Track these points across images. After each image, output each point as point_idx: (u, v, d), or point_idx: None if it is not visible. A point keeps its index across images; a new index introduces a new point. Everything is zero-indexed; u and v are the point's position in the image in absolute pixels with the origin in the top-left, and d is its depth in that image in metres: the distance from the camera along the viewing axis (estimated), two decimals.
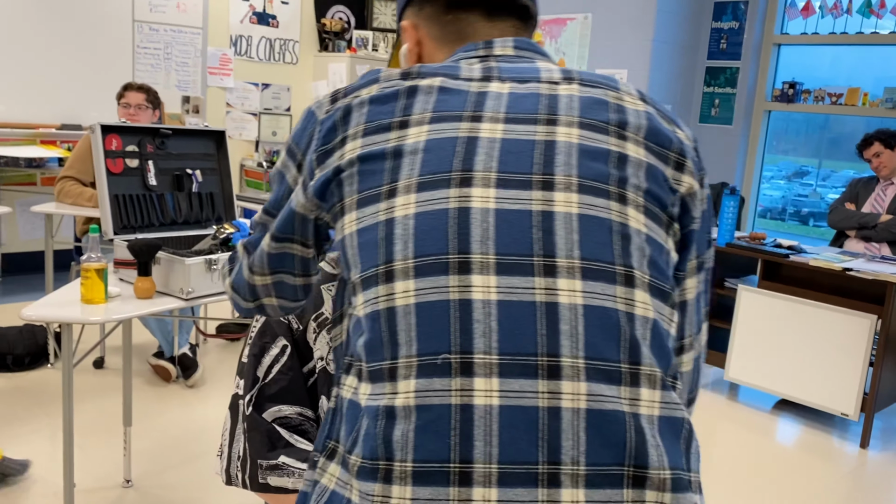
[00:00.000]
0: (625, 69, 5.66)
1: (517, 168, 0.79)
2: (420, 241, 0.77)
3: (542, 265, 0.76)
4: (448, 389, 0.73)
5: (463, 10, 0.95)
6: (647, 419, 0.75)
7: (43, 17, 5.04)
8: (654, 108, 0.88)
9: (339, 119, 0.86)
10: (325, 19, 6.32)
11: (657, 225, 0.82)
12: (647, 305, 0.78)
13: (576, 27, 5.96)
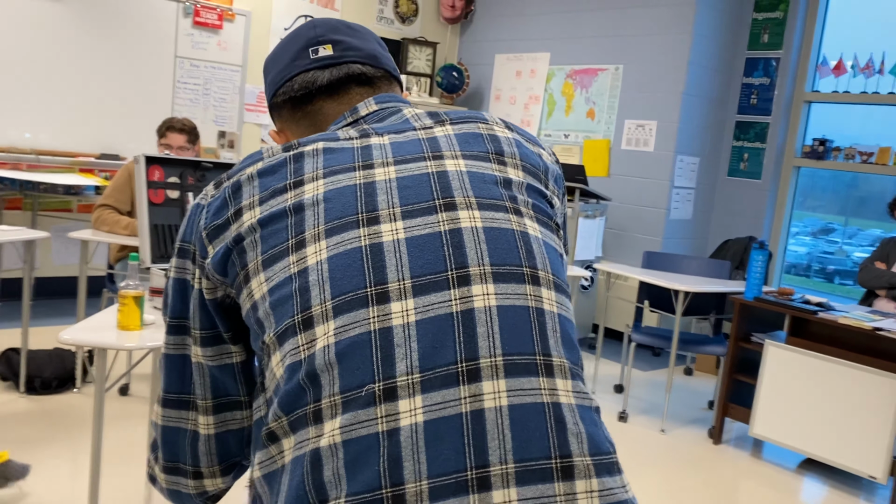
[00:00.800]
0: (654, 120, 5.71)
1: (418, 199, 0.84)
2: (336, 282, 0.78)
3: (456, 277, 0.79)
4: (374, 418, 0.73)
5: (309, 104, 1.00)
6: (568, 408, 0.76)
7: (88, 51, 5.20)
8: (519, 134, 0.96)
9: (230, 195, 0.87)
10: None
11: (549, 231, 0.89)
12: (552, 301, 0.82)
13: (607, 78, 6.04)
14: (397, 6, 6.76)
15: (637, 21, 5.84)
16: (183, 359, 0.91)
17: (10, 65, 4.92)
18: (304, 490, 0.73)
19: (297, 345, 0.78)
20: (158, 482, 0.96)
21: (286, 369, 0.78)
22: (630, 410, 4.34)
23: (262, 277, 0.82)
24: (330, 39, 1.03)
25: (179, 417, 0.92)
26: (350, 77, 1.01)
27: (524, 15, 6.64)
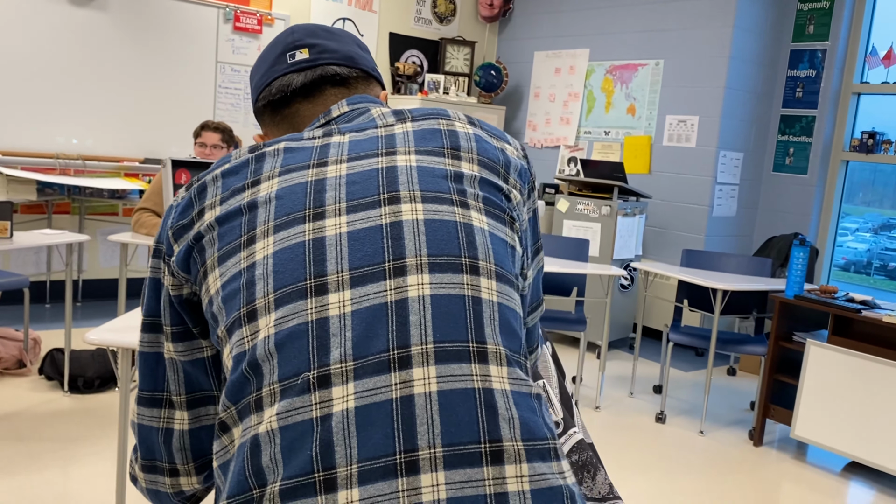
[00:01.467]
0: (696, 115, 5.60)
1: (364, 193, 0.86)
2: (279, 275, 0.81)
3: (393, 268, 0.81)
4: (309, 405, 0.75)
5: (287, 107, 1.04)
6: (501, 393, 0.77)
7: (131, 58, 5.33)
8: (483, 130, 0.97)
9: (195, 195, 0.91)
10: (398, 63, 6.48)
11: (500, 223, 0.89)
12: (492, 291, 0.83)
13: (647, 73, 5.94)
14: (435, 6, 6.77)
15: (677, 15, 5.74)
16: (157, 356, 0.93)
17: (57, 73, 5.07)
18: (245, 475, 0.75)
19: (242, 336, 0.80)
20: (139, 482, 0.97)
21: (233, 360, 0.81)
22: (669, 412, 4.26)
23: (217, 273, 0.85)
24: (306, 43, 1.06)
25: (152, 416, 0.94)
26: (324, 78, 1.03)
27: (563, 11, 6.58)
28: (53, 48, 5.03)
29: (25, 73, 4.96)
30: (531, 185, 0.99)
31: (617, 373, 4.95)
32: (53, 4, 4.99)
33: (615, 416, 4.12)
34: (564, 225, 5.41)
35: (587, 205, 5.32)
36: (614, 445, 3.71)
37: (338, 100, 1.04)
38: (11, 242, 3.31)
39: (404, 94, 6.39)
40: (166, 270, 0.91)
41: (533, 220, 1.01)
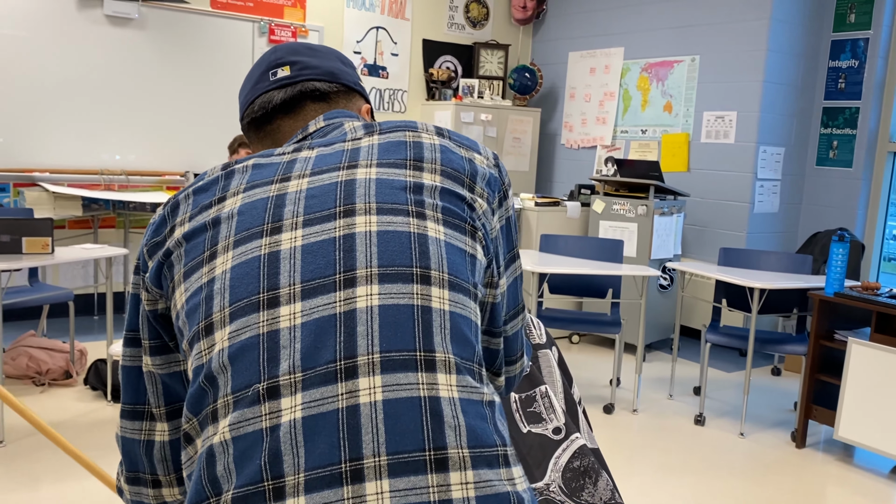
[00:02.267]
0: (734, 111, 5.49)
1: (321, 207, 0.87)
2: (234, 289, 0.83)
3: (343, 279, 0.82)
4: (259, 416, 0.76)
5: (269, 123, 1.07)
6: (448, 401, 0.77)
7: (169, 73, 5.47)
8: (450, 140, 0.98)
9: (168, 213, 0.94)
10: (432, 69, 6.51)
11: (459, 233, 0.89)
12: (443, 300, 0.83)
13: (683, 69, 5.86)
14: (468, 11, 6.78)
15: (712, 9, 5.64)
16: (137, 370, 0.96)
17: (99, 92, 5.23)
18: (202, 484, 0.78)
19: (201, 350, 0.83)
20: (125, 494, 1.00)
21: (192, 373, 0.83)
22: (709, 413, 4.19)
23: (182, 288, 0.87)
24: (288, 61, 1.09)
25: (134, 428, 0.96)
26: (304, 94, 1.06)
27: (596, 11, 6.53)
28: (95, 68, 5.19)
29: (69, 94, 5.13)
30: (503, 193, 0.99)
31: (657, 375, 4.88)
32: (94, 25, 5.16)
33: (653, 419, 4.06)
34: (601, 226, 5.36)
35: (623, 205, 5.26)
36: (652, 448, 3.66)
37: (317, 114, 1.06)
38: (53, 258, 3.42)
39: (438, 100, 6.42)
40: (142, 286, 0.93)
41: (506, 228, 1.00)
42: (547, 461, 1.42)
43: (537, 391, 1.49)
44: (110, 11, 5.19)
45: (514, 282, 1.04)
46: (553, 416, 1.47)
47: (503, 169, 1.01)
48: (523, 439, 1.44)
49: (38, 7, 4.96)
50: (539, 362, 1.56)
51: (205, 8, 5.53)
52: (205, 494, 0.77)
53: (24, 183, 4.98)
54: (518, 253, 1.04)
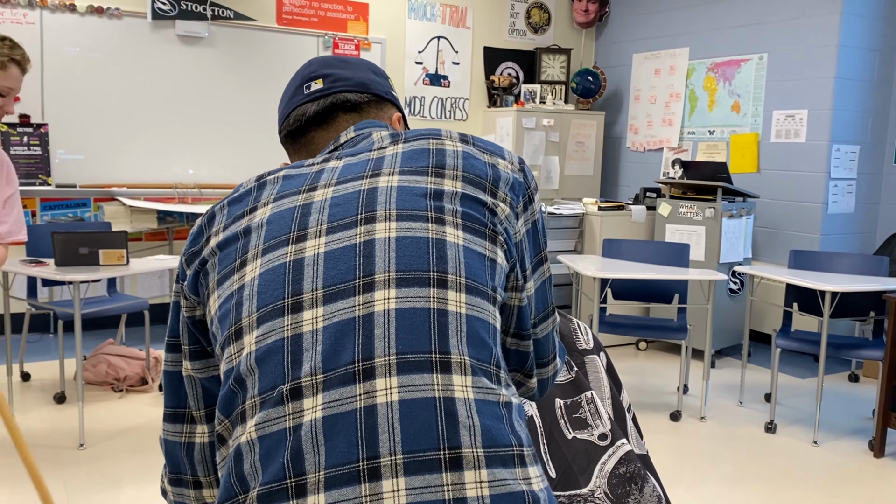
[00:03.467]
0: (805, 109, 5.33)
1: (344, 215, 0.90)
2: (262, 295, 0.87)
3: (362, 284, 0.84)
4: (283, 416, 0.80)
5: (303, 136, 1.11)
6: (463, 402, 0.79)
7: (239, 88, 5.65)
8: (474, 146, 0.99)
9: (206, 223, 0.98)
10: (493, 76, 6.53)
11: (479, 238, 0.91)
12: (459, 303, 0.85)
13: (750, 68, 5.71)
14: (529, 17, 6.78)
15: (780, 6, 5.49)
16: (179, 375, 1.00)
17: (172, 109, 5.44)
18: (231, 482, 0.82)
19: (231, 353, 0.87)
20: (168, 495, 1.04)
21: (223, 376, 0.87)
22: (782, 421, 4.06)
23: (216, 295, 0.92)
24: (320, 74, 1.12)
25: (175, 431, 1.01)
26: (336, 106, 1.09)
27: (660, 11, 6.43)
28: (168, 86, 5.41)
29: (144, 112, 5.35)
30: (528, 198, 1.00)
31: (728, 381, 4.77)
32: (167, 45, 5.37)
33: (722, 427, 3.96)
34: (667, 230, 5.27)
35: (690, 208, 5.16)
36: (720, 456, 3.57)
37: (349, 125, 1.09)
38: (128, 269, 3.58)
39: (500, 107, 6.43)
40: (181, 294, 0.98)
41: (532, 232, 1.01)
42: (592, 467, 1.42)
43: (583, 397, 1.49)
44: (182, 31, 5.39)
45: (543, 284, 1.05)
46: (599, 421, 1.47)
47: (529, 174, 1.02)
48: (568, 445, 1.44)
49: (115, 29, 5.20)
50: (586, 368, 1.55)
51: (271, 24, 5.69)
52: (234, 491, 0.81)
53: (104, 198, 5.22)
54: (546, 256, 1.05)
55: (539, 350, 1.06)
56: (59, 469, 3.17)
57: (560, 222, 5.56)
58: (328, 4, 5.91)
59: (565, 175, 6.39)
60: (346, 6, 5.98)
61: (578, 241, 5.67)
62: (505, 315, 1.00)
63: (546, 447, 1.44)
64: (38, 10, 4.97)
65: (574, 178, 6.46)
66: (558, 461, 1.42)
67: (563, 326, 1.61)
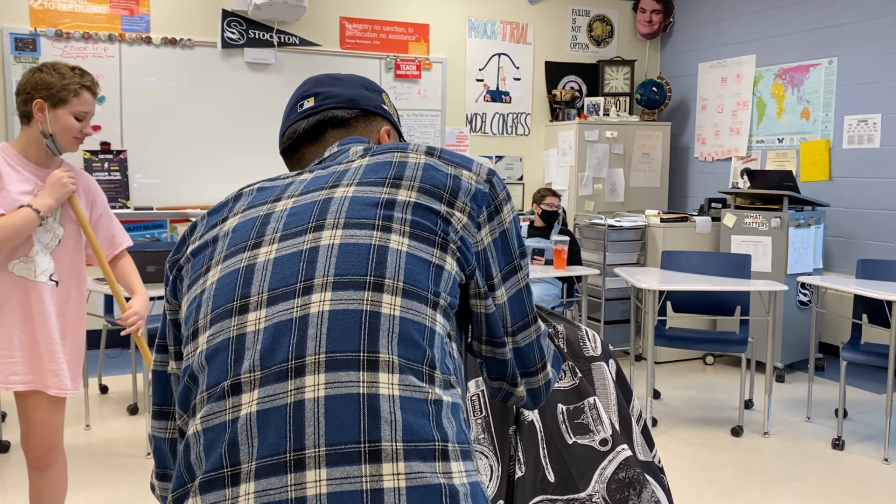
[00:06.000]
0: (878, 113, 5.13)
1: (297, 224, 0.95)
2: (216, 298, 0.94)
3: (302, 288, 0.90)
4: (224, 409, 0.86)
5: (296, 152, 1.17)
6: (387, 398, 0.84)
7: None
8: (438, 158, 1.03)
9: (188, 233, 1.06)
10: (556, 90, 6.54)
11: (426, 244, 0.94)
12: (394, 306, 0.89)
13: (819, 73, 5.54)
14: (591, 30, 6.76)
15: (848, 8, 5.31)
16: (165, 375, 1.07)
17: (241, 132, 5.67)
18: (181, 471, 0.89)
19: (188, 352, 0.94)
20: (156, 490, 1.11)
21: (182, 373, 0.95)
22: (851, 437, 3.90)
23: (185, 299, 0.99)
24: (312, 92, 1.18)
25: (161, 427, 1.07)
26: (324, 122, 1.15)
27: (725, 19, 6.31)
28: (238, 111, 5.65)
29: (215, 136, 5.60)
30: (494, 208, 1.02)
31: (797, 396, 4.60)
32: (236, 72, 5.62)
33: (786, 442, 3.83)
34: (732, 241, 5.14)
35: (755, 218, 5.03)
36: (782, 473, 3.46)
37: (337, 140, 1.14)
38: None
39: (562, 121, 6.43)
40: (167, 303, 1.06)
41: (501, 242, 1.02)
42: (592, 472, 1.43)
43: (585, 403, 1.50)
44: (250, 59, 5.63)
45: (518, 293, 1.06)
46: (601, 427, 1.47)
47: (498, 185, 1.03)
48: (568, 450, 1.45)
49: (187, 59, 5.48)
50: (592, 375, 1.56)
51: (335, 49, 5.87)
52: (183, 480, 0.88)
53: (179, 219, 5.48)
54: (520, 265, 1.06)
55: (522, 358, 1.08)
56: (127, 476, 3.34)
57: (621, 235, 5.51)
58: (389, 27, 6.06)
59: (631, 187, 6.32)
60: (408, 28, 6.11)
61: (641, 253, 5.60)
62: (475, 322, 1.03)
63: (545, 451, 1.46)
64: (118, 44, 5.29)
65: (640, 189, 6.38)
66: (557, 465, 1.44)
67: (571, 334, 1.62)
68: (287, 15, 5.54)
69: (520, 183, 6.58)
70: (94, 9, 5.22)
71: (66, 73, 2.22)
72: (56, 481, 2.36)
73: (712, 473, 3.46)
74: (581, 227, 5.80)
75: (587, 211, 6.09)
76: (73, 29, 5.17)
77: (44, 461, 2.32)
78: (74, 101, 2.22)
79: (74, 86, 2.21)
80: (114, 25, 5.28)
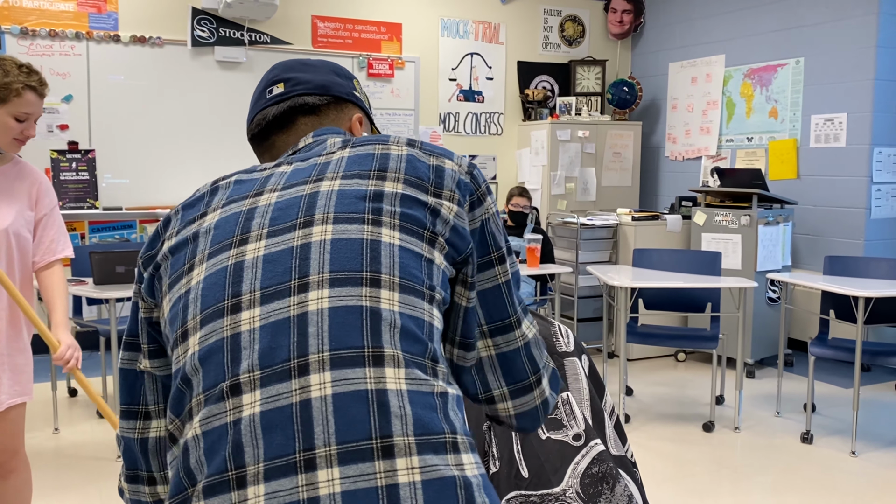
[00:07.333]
0: (844, 112, 5.22)
1: (284, 219, 0.93)
2: (205, 298, 0.90)
3: (297, 285, 0.87)
4: (224, 411, 0.83)
5: (265, 139, 1.13)
6: (395, 393, 0.82)
7: None
8: (420, 150, 1.00)
9: (161, 227, 1.02)
10: (528, 90, 6.56)
11: (416, 238, 0.92)
12: (392, 301, 0.87)
13: (787, 73, 5.62)
14: (563, 30, 6.80)
15: (815, 9, 5.40)
16: (133, 373, 1.04)
17: (212, 131, 5.62)
18: (180, 477, 0.86)
19: (179, 355, 0.91)
20: (125, 493, 1.08)
21: (173, 376, 0.91)
22: (820, 431, 3.96)
23: (167, 298, 0.95)
24: (282, 78, 1.14)
25: (130, 427, 1.04)
26: (294, 109, 1.11)
27: (695, 20, 6.38)
28: (208, 110, 5.59)
29: (185, 135, 5.54)
30: (476, 198, 1.00)
31: (767, 391, 4.66)
32: (207, 71, 5.56)
33: (756, 437, 3.88)
34: (703, 238, 5.20)
35: (725, 216, 5.09)
36: (753, 467, 3.50)
37: (309, 128, 1.11)
38: None
39: (534, 120, 6.45)
40: (139, 295, 1.02)
41: (481, 231, 1.00)
42: (565, 467, 1.44)
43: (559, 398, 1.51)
44: (221, 57, 5.58)
45: (497, 289, 1.02)
46: (574, 422, 1.48)
47: (479, 177, 1.02)
48: (542, 445, 1.46)
49: (157, 57, 5.41)
50: (564, 370, 1.57)
51: (307, 47, 5.84)
52: (183, 486, 0.85)
53: (149, 220, 5.42)
54: (498, 258, 1.02)
55: (509, 368, 1.03)
56: (97, 479, 3.29)
57: (593, 233, 5.54)
58: (362, 26, 6.04)
59: (602, 186, 6.37)
60: (380, 27, 6.10)
61: (613, 251, 5.64)
62: (453, 318, 0.99)
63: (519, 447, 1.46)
64: (85, 42, 5.21)
65: (612, 189, 6.42)
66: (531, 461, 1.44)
67: (544, 329, 1.63)
68: (258, 13, 5.50)
69: (493, 182, 6.59)
70: (60, 6, 5.14)
71: (11, 70, 2.10)
72: (19, 487, 2.31)
73: (684, 468, 3.50)
74: (554, 226, 5.83)
75: (560, 210, 6.12)
76: (39, 26, 5.09)
77: (6, 468, 2.27)
78: (16, 102, 2.10)
79: (17, 85, 2.10)
80: (81, 23, 5.20)
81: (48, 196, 2.30)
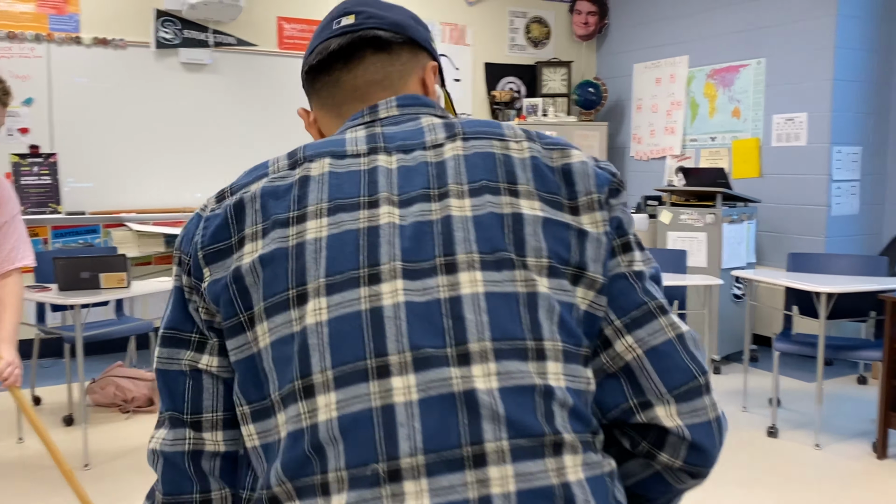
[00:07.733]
0: (804, 112, 5.32)
1: (420, 255, 0.79)
2: (336, 349, 0.76)
3: (456, 355, 0.76)
4: (378, 497, 0.72)
5: (326, 73, 0.97)
6: (578, 485, 0.76)
7: (244, 113, 5.75)
8: (539, 143, 0.87)
9: (232, 216, 0.84)
10: (495, 91, 6.59)
11: (564, 280, 0.81)
12: (558, 375, 0.78)
13: (749, 73, 5.72)
14: (528, 32, 6.84)
15: (776, 10, 5.50)
16: (176, 374, 0.87)
17: (177, 134, 5.56)
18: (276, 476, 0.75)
19: (299, 412, 0.77)
20: None
21: (288, 435, 0.77)
22: (785, 425, 4.04)
23: (266, 326, 0.80)
24: (353, 10, 0.99)
25: (178, 438, 0.87)
26: (364, 41, 0.95)
27: (659, 20, 6.47)
28: (173, 113, 5.53)
29: (150, 139, 5.47)
30: (611, 189, 0.87)
31: (733, 387, 4.74)
32: (171, 73, 5.50)
33: None
34: (669, 237, 5.27)
35: (690, 214, 5.17)
36: (721, 461, 3.56)
37: (378, 68, 0.96)
38: (129, 291, 3.66)
39: (502, 121, 6.48)
40: (196, 295, 0.85)
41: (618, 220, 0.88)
42: None
43: None
44: (186, 59, 5.52)
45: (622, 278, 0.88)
46: None
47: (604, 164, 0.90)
48: None
49: (120, 60, 5.34)
50: None
51: (273, 49, 5.81)
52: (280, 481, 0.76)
53: (113, 224, 5.34)
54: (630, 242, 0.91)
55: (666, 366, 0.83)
56: (64, 488, 3.24)
57: None
58: None
59: None
60: None
61: None
62: None
63: None
64: (46, 44, 5.12)
65: None
66: None
67: None
68: (222, 15, 5.45)
69: None
70: (19, 7, 5.05)
71: None
72: None
73: None
74: None
75: None
76: None
77: None
78: None
79: None
80: (41, 25, 5.11)
81: (9, 203, 2.26)
